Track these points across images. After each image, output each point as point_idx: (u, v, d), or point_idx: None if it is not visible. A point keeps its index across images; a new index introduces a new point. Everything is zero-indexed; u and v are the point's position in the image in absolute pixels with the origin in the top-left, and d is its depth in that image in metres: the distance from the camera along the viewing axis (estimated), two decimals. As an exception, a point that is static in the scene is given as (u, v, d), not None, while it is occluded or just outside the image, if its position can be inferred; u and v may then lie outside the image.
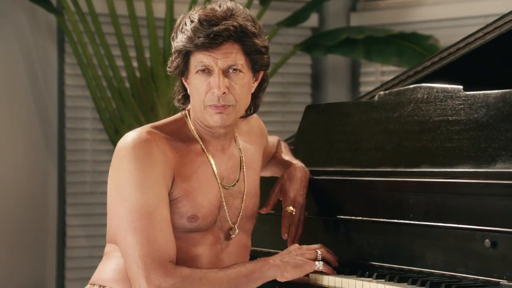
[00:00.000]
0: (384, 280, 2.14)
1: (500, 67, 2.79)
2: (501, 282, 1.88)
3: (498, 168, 2.13)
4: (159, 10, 4.37)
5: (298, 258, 2.26)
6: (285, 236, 2.40)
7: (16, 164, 4.22)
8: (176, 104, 2.31)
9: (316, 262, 2.24)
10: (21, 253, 4.21)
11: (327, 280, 2.25)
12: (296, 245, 2.31)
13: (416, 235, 2.23)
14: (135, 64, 4.30)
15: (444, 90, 2.35)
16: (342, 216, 2.40)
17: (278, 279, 2.22)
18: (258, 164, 2.41)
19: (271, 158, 2.56)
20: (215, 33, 2.12)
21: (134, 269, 2.12)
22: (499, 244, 2.01)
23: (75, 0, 4.07)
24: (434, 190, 2.22)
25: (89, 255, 4.30)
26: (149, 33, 4.18)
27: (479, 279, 2.04)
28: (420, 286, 2.07)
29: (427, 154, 2.34)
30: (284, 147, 2.59)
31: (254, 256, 2.53)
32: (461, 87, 2.32)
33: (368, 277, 2.19)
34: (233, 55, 2.16)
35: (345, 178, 2.48)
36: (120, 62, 4.21)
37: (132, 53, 4.21)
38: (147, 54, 4.33)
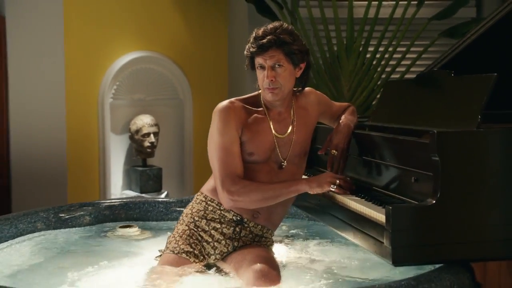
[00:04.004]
0: (359, 198, 2.54)
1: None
2: (385, 206, 2.19)
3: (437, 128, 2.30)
4: (342, 12, 4.65)
5: (323, 180, 2.61)
6: (329, 169, 2.77)
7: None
8: (256, 86, 2.74)
9: (332, 185, 2.60)
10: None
11: (337, 197, 2.61)
12: (329, 173, 2.67)
13: (382, 170, 2.59)
14: (325, 48, 4.59)
15: (438, 73, 2.68)
16: (365, 157, 2.72)
17: (308, 192, 2.61)
18: (309, 122, 2.78)
19: (336, 117, 2.90)
20: (262, 44, 2.61)
21: (217, 181, 2.64)
22: (419, 181, 2.36)
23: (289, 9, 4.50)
24: (391, 142, 2.52)
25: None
26: (336, 29, 4.48)
27: (407, 200, 2.41)
28: (369, 201, 2.45)
29: (421, 117, 2.64)
30: (349, 110, 2.90)
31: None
32: (451, 71, 2.60)
33: (357, 197, 2.56)
34: (276, 56, 2.61)
35: (361, 132, 2.77)
36: (315, 48, 4.58)
37: (324, 41, 4.47)
38: (334, 42, 4.58)
